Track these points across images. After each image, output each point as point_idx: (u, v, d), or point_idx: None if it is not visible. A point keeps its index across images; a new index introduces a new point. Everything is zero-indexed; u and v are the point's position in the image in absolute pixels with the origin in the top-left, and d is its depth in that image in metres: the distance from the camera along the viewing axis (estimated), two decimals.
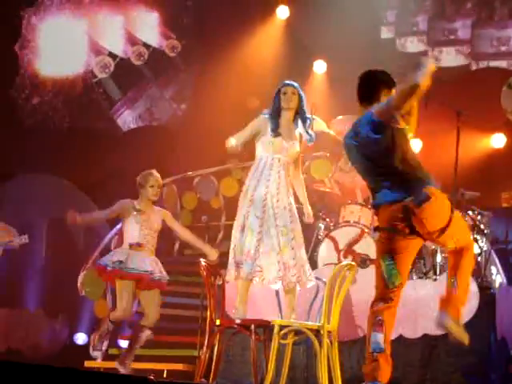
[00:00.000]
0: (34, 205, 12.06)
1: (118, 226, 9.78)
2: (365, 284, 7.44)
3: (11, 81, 12.82)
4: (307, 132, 6.66)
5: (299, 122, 6.65)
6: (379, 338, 5.07)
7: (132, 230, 7.29)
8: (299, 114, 6.65)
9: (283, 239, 6.43)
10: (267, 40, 12.67)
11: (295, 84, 6.69)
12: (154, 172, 7.38)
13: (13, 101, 12.84)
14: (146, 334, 7.18)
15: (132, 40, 13.15)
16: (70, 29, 12.98)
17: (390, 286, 5.10)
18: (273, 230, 6.43)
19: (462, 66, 12.31)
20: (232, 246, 6.56)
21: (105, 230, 10.84)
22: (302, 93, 6.67)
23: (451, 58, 12.25)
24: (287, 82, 6.70)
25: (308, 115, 6.67)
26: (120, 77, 13.17)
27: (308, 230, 8.52)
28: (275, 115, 6.61)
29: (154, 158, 12.19)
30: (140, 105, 13.38)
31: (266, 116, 6.63)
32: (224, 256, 6.78)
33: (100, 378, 3.46)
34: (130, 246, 7.21)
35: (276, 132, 6.56)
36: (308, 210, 6.78)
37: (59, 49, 12.84)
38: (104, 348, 7.77)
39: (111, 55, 13.12)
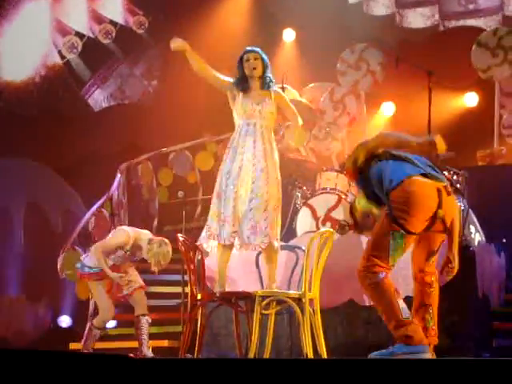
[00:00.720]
0: (10, 190, 11.97)
1: (95, 207, 9.74)
2: (345, 250, 7.46)
3: None
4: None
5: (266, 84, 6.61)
6: (403, 304, 5.28)
7: None
8: (265, 78, 6.61)
9: (258, 201, 6.41)
10: (235, 11, 12.59)
11: (256, 49, 6.64)
12: None
13: None
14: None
15: (98, 18, 13.01)
16: (33, 9, 12.82)
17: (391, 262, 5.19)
18: (248, 194, 6.41)
19: (431, 27, 12.28)
20: (210, 213, 6.55)
21: (82, 212, 10.80)
22: (264, 56, 6.62)
23: (419, 19, 12.22)
24: (249, 48, 6.66)
25: (269, 75, 6.61)
26: (88, 56, 13.05)
27: (285, 199, 8.51)
28: (244, 82, 6.58)
29: (127, 136, 12.14)
30: (111, 83, 13.28)
31: (233, 82, 6.61)
32: (202, 230, 6.75)
33: (82, 359, 3.45)
34: None
35: (246, 93, 6.54)
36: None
37: (23, 31, 12.69)
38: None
39: (78, 35, 12.99)
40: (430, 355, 5.20)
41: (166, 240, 6.75)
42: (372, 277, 5.26)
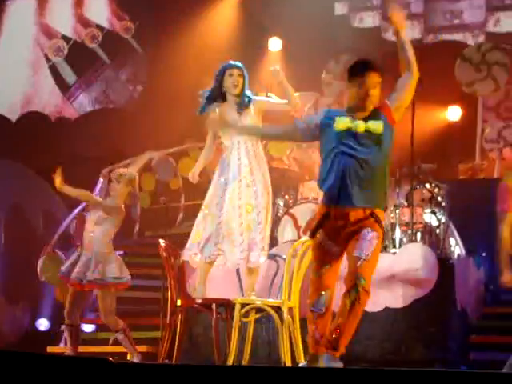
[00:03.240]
0: None
1: (77, 210, 9.73)
2: None
3: None
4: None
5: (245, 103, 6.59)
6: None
7: None
8: (242, 97, 6.59)
9: (248, 217, 6.42)
10: (221, 18, 12.61)
11: (240, 64, 6.59)
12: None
13: None
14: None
15: (85, 22, 13.02)
16: (19, 12, 12.81)
17: None
18: (236, 211, 6.40)
19: (416, 40, 12.35)
20: (192, 234, 6.55)
21: (63, 214, 10.77)
22: (246, 74, 6.60)
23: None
24: (232, 62, 6.62)
25: (247, 95, 6.59)
26: (74, 60, 13.04)
27: None
28: (218, 97, 6.56)
29: (111, 140, 12.12)
30: (96, 87, 13.27)
31: (205, 101, 6.58)
32: (184, 237, 6.76)
33: (60, 362, 3.45)
34: None
35: (220, 113, 6.54)
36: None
37: (9, 32, 12.69)
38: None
39: (64, 38, 12.99)
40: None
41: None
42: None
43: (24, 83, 12.92)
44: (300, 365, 5.69)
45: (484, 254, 9.16)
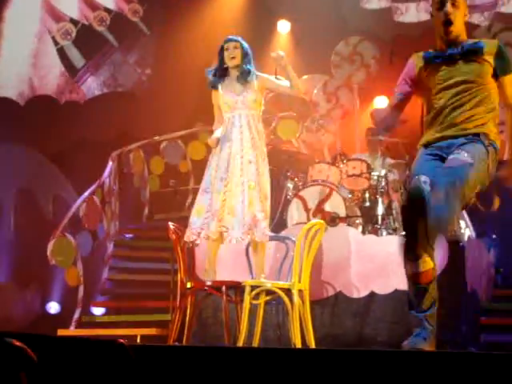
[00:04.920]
0: (1, 176, 11.94)
1: (86, 193, 9.74)
2: (334, 243, 7.48)
3: None
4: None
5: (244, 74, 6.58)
6: None
7: None
8: (241, 68, 6.60)
9: (251, 193, 6.41)
10: (229, 1, 12.56)
11: (237, 38, 6.62)
12: None
13: None
14: None
15: (93, 5, 12.97)
16: None
17: None
18: (239, 187, 6.40)
19: (426, 21, 12.27)
20: (193, 209, 6.54)
21: (73, 198, 10.78)
22: (245, 45, 6.61)
23: (414, 13, 12.22)
24: (229, 37, 6.64)
25: (247, 67, 6.58)
26: (82, 43, 13.01)
27: (277, 190, 8.52)
28: (223, 73, 6.59)
29: (119, 124, 12.11)
30: (104, 71, 13.24)
31: (212, 79, 6.60)
32: None
33: (72, 344, 3.46)
34: None
35: (226, 85, 6.55)
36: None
37: (16, 16, 12.66)
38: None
39: (72, 21, 12.95)
40: None
41: None
42: None
43: (32, 67, 12.90)
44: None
45: (494, 236, 9.14)
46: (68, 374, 3.15)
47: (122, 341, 3.23)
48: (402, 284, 7.33)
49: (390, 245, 7.53)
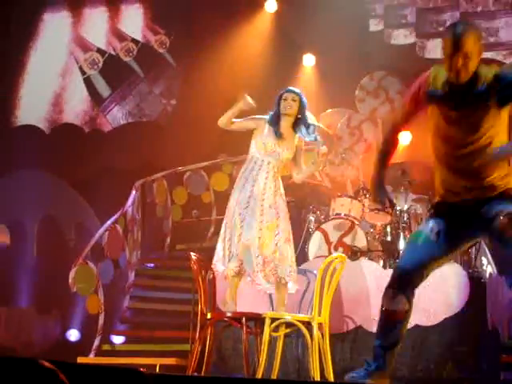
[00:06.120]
0: (25, 202, 12.04)
1: (109, 222, 9.79)
2: (355, 276, 7.48)
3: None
4: (310, 135, 6.67)
5: (301, 128, 6.67)
6: None
7: None
8: (300, 120, 6.68)
9: (268, 233, 6.44)
10: (255, 34, 12.65)
11: (296, 90, 6.74)
12: None
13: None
14: None
15: (120, 36, 13.13)
16: (54, 24, 12.95)
17: None
18: (255, 223, 6.44)
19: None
20: (220, 238, 6.59)
21: (95, 226, 10.84)
22: (303, 99, 6.70)
23: (439, 49, 12.25)
24: (290, 88, 6.75)
25: (310, 121, 6.69)
26: (109, 73, 13.15)
27: (299, 223, 8.54)
28: (276, 120, 6.66)
29: (144, 153, 12.19)
30: (130, 101, 13.36)
31: (267, 118, 6.68)
32: (214, 250, 6.78)
33: (92, 372, 3.47)
34: None
35: (275, 133, 6.61)
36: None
37: (45, 44, 12.83)
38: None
39: (100, 51, 13.10)
40: None
41: None
42: None
43: (58, 95, 13.04)
44: None
45: None
46: None
47: (141, 369, 3.24)
48: (424, 319, 7.36)
49: None
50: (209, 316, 6.33)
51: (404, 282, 4.65)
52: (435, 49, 12.31)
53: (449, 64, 4.40)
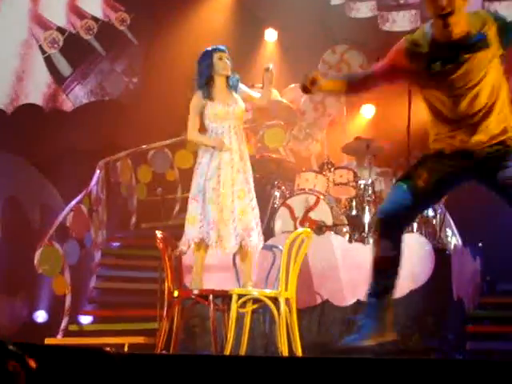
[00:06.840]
0: None
1: (73, 202, 9.73)
2: (321, 251, 7.50)
3: None
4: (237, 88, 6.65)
5: (235, 83, 6.65)
6: None
7: None
8: (230, 78, 6.65)
9: (242, 202, 6.44)
10: (217, 10, 12.58)
11: (224, 48, 6.71)
12: None
13: None
14: None
15: (80, 13, 12.98)
16: (13, 2, 12.77)
17: None
18: (229, 198, 6.43)
19: (412, 30, 12.32)
20: (187, 218, 6.55)
21: (60, 207, 10.77)
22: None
23: (401, 22, 12.27)
24: (218, 46, 6.69)
25: (237, 77, 6.67)
26: (70, 52, 13.01)
27: (264, 199, 8.54)
28: (210, 83, 6.60)
29: (107, 132, 12.10)
30: (91, 80, 13.23)
31: (199, 90, 6.61)
32: (181, 228, 6.77)
33: (57, 352, 3.46)
34: None
35: (214, 99, 6.56)
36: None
37: (3, 24, 12.66)
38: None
39: (60, 30, 12.95)
40: None
41: None
42: None
43: (19, 75, 12.89)
44: None
45: (480, 244, 9.18)
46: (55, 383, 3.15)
47: (108, 349, 3.24)
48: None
49: None
50: (176, 294, 6.33)
51: (388, 226, 4.55)
52: (397, 22, 12.33)
53: (440, 23, 4.34)
